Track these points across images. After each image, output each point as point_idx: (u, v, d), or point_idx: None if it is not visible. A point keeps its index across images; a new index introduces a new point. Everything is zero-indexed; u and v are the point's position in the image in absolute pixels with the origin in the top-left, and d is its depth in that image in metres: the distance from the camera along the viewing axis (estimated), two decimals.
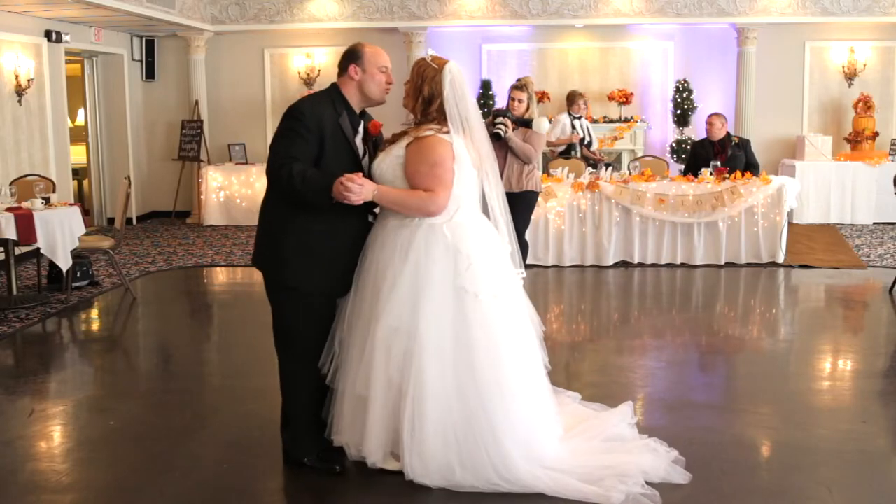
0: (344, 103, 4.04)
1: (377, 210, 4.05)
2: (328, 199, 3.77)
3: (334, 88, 4.09)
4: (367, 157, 4.08)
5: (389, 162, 3.94)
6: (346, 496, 3.85)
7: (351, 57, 4.06)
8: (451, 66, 3.94)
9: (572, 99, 10.79)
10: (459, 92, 3.92)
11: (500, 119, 7.40)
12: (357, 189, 3.71)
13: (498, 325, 3.87)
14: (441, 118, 3.91)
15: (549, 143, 10.75)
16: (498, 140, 7.32)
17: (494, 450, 3.79)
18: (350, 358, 3.92)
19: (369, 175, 3.97)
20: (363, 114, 4.14)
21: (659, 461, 4.02)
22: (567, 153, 10.59)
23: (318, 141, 3.89)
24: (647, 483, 3.82)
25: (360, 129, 4.09)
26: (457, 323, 3.80)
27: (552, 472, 3.84)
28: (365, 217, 4.07)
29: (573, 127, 10.71)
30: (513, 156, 7.48)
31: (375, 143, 4.19)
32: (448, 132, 3.89)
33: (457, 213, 3.93)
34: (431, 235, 3.87)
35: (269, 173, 3.93)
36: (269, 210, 4.06)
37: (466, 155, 3.93)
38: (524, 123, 7.58)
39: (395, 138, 4.01)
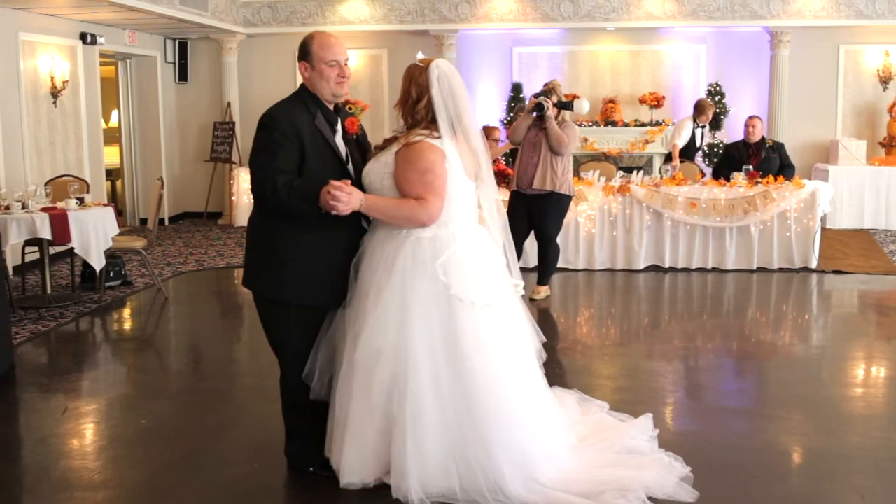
0: (315, 101, 3.82)
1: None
2: (317, 209, 3.58)
3: (302, 88, 3.88)
4: (350, 161, 3.87)
5: (378, 170, 3.74)
6: (380, 496, 3.83)
7: (300, 53, 3.84)
8: (440, 62, 3.75)
9: None
10: (448, 89, 3.69)
11: (542, 97, 7.43)
12: (345, 198, 3.53)
13: (491, 338, 3.70)
14: (430, 120, 3.70)
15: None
16: (540, 112, 7.33)
17: (490, 471, 3.65)
18: (337, 376, 3.81)
19: (358, 179, 3.80)
20: (338, 110, 3.92)
21: (668, 477, 3.88)
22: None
23: (298, 148, 3.69)
24: (651, 499, 3.72)
25: (339, 127, 3.88)
26: (447, 339, 3.64)
27: (549, 491, 3.72)
28: (357, 225, 3.85)
29: None
30: (547, 149, 7.46)
31: (359, 144, 3.98)
32: (439, 137, 3.68)
33: (446, 224, 3.72)
34: (418, 249, 3.68)
35: (254, 190, 3.74)
36: (256, 227, 3.90)
37: (458, 161, 3.72)
38: (565, 106, 7.58)
39: (385, 145, 3.84)
